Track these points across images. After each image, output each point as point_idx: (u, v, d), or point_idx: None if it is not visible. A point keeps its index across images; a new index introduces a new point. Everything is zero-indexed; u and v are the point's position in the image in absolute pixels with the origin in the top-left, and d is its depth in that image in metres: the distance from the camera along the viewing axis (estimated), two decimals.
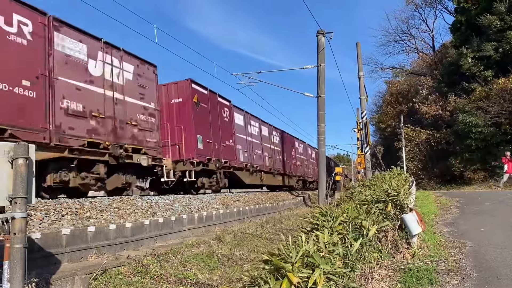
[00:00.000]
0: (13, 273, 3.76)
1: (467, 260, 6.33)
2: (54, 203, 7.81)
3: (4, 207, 3.99)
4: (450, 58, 34.88)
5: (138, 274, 6.68)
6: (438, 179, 37.15)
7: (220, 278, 7.32)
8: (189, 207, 11.80)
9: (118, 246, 7.93)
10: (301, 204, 24.11)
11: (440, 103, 37.51)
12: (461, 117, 30.24)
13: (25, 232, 3.88)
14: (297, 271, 3.22)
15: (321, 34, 19.48)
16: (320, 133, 19.10)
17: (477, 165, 30.99)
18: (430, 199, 18.27)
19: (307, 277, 3.22)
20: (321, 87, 19.27)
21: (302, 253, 3.44)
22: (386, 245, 6.43)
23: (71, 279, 5.81)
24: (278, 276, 3.33)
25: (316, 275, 3.19)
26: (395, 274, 5.49)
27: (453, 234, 8.93)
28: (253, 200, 17.30)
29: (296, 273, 3.18)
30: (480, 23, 29.82)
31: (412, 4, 47.32)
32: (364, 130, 26.10)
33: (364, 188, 9.36)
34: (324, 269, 3.37)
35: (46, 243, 6.37)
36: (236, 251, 9.28)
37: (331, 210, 5.84)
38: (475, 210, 13.38)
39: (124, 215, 8.89)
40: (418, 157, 41.23)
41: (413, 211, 7.05)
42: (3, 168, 3.84)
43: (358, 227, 5.47)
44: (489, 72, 29.88)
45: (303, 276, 3.22)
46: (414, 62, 54.79)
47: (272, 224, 13.97)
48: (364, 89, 26.58)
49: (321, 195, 18.75)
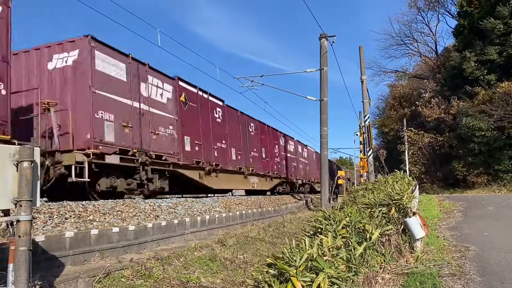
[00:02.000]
0: (18, 276, 3.77)
1: (471, 264, 6.31)
2: (58, 206, 7.84)
3: (9, 210, 4.00)
4: (453, 62, 34.88)
5: (141, 277, 6.68)
6: (441, 183, 37.07)
7: (223, 282, 7.32)
8: (191, 210, 11.81)
9: (121, 249, 7.94)
10: (303, 207, 24.08)
11: (443, 107, 37.48)
12: (464, 121, 30.21)
13: (29, 235, 3.89)
14: (301, 275, 3.23)
15: (324, 38, 19.53)
16: (323, 136, 19.11)
17: (480, 169, 30.93)
18: (433, 203, 18.24)
19: (311, 281, 3.22)
20: (324, 91, 19.30)
21: (306, 257, 3.44)
22: (389, 249, 6.42)
23: (74, 281, 5.82)
24: (282, 279, 3.33)
25: (320, 279, 3.19)
26: (398, 278, 5.48)
27: (457, 238, 8.91)
28: (256, 204, 17.29)
29: (300, 277, 3.19)
30: (483, 27, 29.83)
31: (415, 8, 47.49)
32: (367, 133, 26.08)
33: (367, 192, 9.35)
34: (328, 273, 3.37)
35: (50, 246, 6.39)
36: (239, 254, 9.27)
37: (334, 214, 5.84)
38: (479, 214, 13.34)
39: (127, 218, 8.90)
40: (421, 161, 41.18)
41: (416, 215, 7.04)
42: (8, 171, 3.86)
43: (362, 230, 5.46)
44: (493, 76, 29.86)
45: (307, 280, 3.22)
46: (417, 65, 54.92)
47: (274, 228, 13.95)
48: (367, 93, 26.60)
49: (324, 199, 18.72)
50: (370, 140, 26.35)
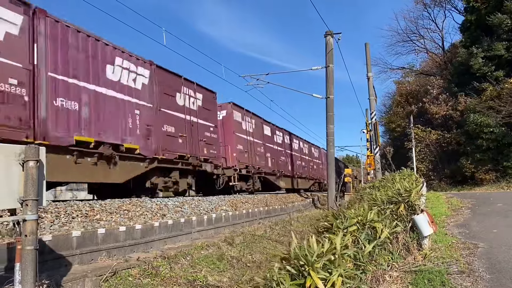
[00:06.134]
0: (25, 275, 3.78)
1: (480, 261, 6.24)
2: (65, 206, 7.87)
3: (15, 209, 4.01)
4: (460, 58, 34.55)
5: (148, 276, 6.69)
6: (448, 180, 36.77)
7: (230, 280, 7.31)
8: (198, 209, 11.81)
9: (128, 248, 7.95)
10: (310, 206, 24.04)
11: (450, 103, 37.18)
12: (472, 117, 29.93)
13: (36, 234, 3.90)
14: (316, 271, 3.21)
15: (329, 35, 19.43)
16: (329, 134, 19.01)
17: (489, 166, 30.63)
18: (441, 200, 18.10)
19: (324, 279, 3.20)
20: (330, 88, 19.20)
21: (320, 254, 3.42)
22: (397, 247, 6.36)
23: (81, 281, 5.84)
24: (295, 276, 3.31)
25: (334, 278, 3.17)
26: (406, 276, 5.43)
27: (465, 235, 8.83)
28: (262, 202, 17.28)
29: (316, 272, 3.17)
30: (490, 22, 29.52)
31: (421, 4, 47.02)
32: (374, 131, 25.94)
33: (374, 190, 9.30)
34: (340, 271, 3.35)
35: (57, 245, 6.41)
36: (245, 253, 9.27)
37: (343, 212, 5.80)
38: (487, 211, 13.21)
39: (134, 217, 8.92)
40: (429, 158, 40.87)
41: (424, 212, 6.98)
42: (14, 170, 3.87)
43: (370, 228, 5.42)
44: (501, 72, 29.54)
45: (321, 277, 3.21)
46: (423, 62, 54.46)
47: (281, 226, 13.94)
48: (373, 90, 26.42)
49: (331, 197, 18.63)
50: (377, 138, 26.20)
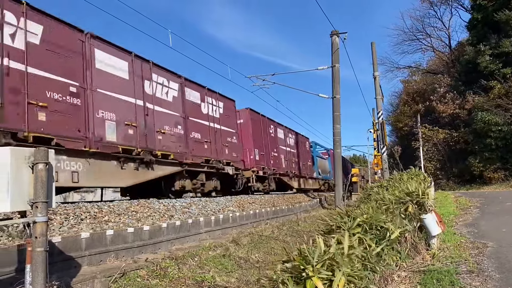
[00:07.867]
0: (35, 276, 3.82)
1: (489, 261, 6.20)
2: (73, 207, 7.93)
3: (25, 211, 4.06)
4: (468, 56, 34.32)
5: (156, 277, 6.72)
6: (457, 179, 36.54)
7: (237, 281, 7.32)
8: (205, 209, 11.84)
9: (136, 249, 8.00)
10: (317, 206, 23.99)
11: (457, 102, 36.93)
12: (480, 116, 29.72)
13: (46, 236, 3.94)
14: (317, 272, 3.20)
15: (335, 35, 19.37)
16: (335, 134, 18.96)
17: (497, 164, 30.39)
18: (449, 199, 17.99)
19: (327, 279, 3.19)
20: (336, 88, 19.15)
21: (322, 254, 3.42)
22: (405, 246, 6.33)
23: (91, 282, 5.88)
24: (297, 279, 3.31)
25: (337, 278, 3.16)
26: (415, 276, 5.41)
27: (474, 234, 8.77)
28: (269, 203, 17.28)
29: (316, 274, 3.16)
30: (498, 19, 29.28)
31: (427, 2, 46.78)
32: (381, 130, 25.83)
33: (381, 189, 9.26)
34: (345, 271, 3.34)
35: (66, 246, 6.47)
36: (253, 253, 9.27)
37: (352, 212, 5.78)
38: (496, 210, 13.12)
39: (141, 219, 8.96)
40: (436, 157, 40.65)
41: (432, 211, 6.95)
42: (24, 173, 3.91)
43: (379, 229, 5.39)
44: (508, 69, 29.29)
45: (323, 277, 3.20)
46: (430, 60, 54.12)
47: (288, 226, 13.93)
48: (380, 89, 26.31)
49: (338, 197, 18.59)
50: (384, 137, 26.08)
